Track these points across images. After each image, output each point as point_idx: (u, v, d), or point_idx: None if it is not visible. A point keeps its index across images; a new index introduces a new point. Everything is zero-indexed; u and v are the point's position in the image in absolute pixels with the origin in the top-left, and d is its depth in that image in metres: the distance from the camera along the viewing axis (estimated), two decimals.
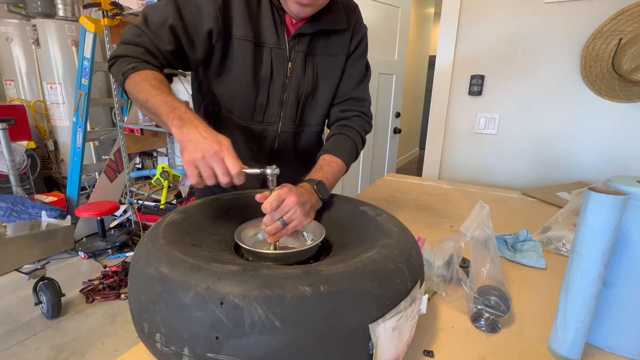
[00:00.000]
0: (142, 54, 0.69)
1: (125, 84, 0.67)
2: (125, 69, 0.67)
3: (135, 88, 0.65)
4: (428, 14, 5.19)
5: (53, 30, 2.80)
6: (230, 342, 0.36)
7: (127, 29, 0.73)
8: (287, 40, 0.78)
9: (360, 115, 0.90)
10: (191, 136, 0.55)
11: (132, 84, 0.65)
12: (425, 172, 1.93)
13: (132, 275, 0.45)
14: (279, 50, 0.78)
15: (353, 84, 0.89)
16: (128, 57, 0.69)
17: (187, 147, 0.54)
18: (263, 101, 0.82)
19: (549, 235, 0.90)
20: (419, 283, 0.47)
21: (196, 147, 0.53)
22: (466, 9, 1.66)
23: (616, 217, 0.44)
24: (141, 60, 0.69)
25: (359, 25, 0.88)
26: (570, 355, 0.50)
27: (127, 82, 0.67)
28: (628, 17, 1.34)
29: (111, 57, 0.72)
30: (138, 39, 0.70)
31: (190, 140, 0.54)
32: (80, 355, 1.63)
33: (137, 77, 0.66)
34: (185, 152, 0.54)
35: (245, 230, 0.60)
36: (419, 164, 5.52)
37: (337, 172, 0.78)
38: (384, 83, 2.51)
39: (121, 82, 0.68)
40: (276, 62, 0.79)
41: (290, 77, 0.81)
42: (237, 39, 0.75)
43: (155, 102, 0.61)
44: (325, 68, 0.85)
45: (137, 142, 2.86)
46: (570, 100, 1.52)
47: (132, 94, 0.67)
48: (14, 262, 1.62)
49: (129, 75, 0.66)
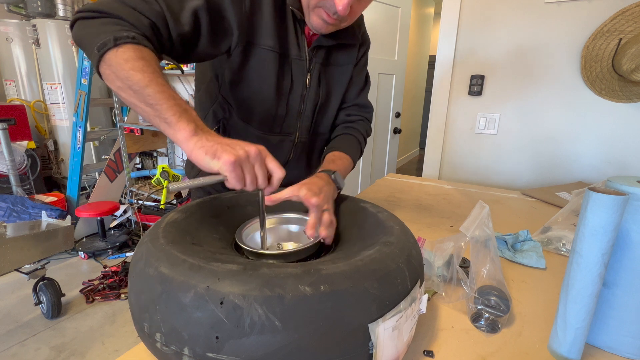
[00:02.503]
0: (146, 27, 0.55)
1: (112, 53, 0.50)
2: (119, 34, 0.51)
3: (129, 64, 0.50)
4: (428, 14, 5.19)
5: (53, 30, 2.80)
6: (230, 342, 0.36)
7: None
8: (307, 51, 0.78)
9: (364, 120, 0.94)
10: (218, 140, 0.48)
11: (126, 57, 0.50)
12: (425, 172, 1.93)
13: (132, 275, 0.45)
14: (300, 61, 0.78)
15: (357, 91, 0.93)
16: (124, 20, 0.54)
17: (223, 150, 0.47)
18: (283, 112, 0.81)
19: (549, 235, 0.90)
20: (419, 283, 0.47)
21: (235, 147, 0.47)
22: (466, 9, 1.66)
23: (616, 217, 0.44)
24: (142, 33, 0.54)
25: (365, 35, 0.91)
26: (570, 355, 0.50)
27: (117, 52, 0.50)
28: (628, 17, 1.34)
29: (90, 9, 0.54)
30: (146, 5, 0.56)
31: (220, 142, 0.48)
32: (80, 355, 1.63)
33: (136, 51, 0.51)
34: (224, 153, 0.46)
35: (246, 229, 0.60)
36: (419, 164, 5.52)
37: (347, 167, 0.81)
38: (384, 83, 2.51)
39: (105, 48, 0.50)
40: (296, 74, 0.78)
41: (308, 88, 0.81)
42: (263, 48, 0.71)
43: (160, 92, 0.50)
44: (337, 78, 0.86)
45: (137, 142, 2.86)
46: (570, 100, 1.52)
47: (120, 69, 0.50)
48: (14, 262, 1.62)
49: (123, 43, 0.50)
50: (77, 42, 0.56)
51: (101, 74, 0.54)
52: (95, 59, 0.52)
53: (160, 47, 0.59)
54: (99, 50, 0.51)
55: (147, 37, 0.55)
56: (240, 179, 0.47)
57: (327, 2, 0.66)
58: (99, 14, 0.54)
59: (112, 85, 0.53)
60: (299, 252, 0.54)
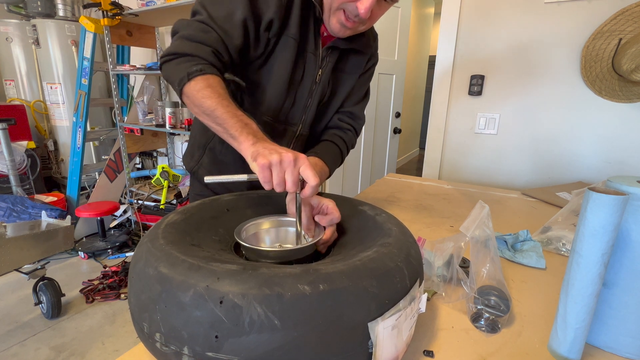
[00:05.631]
0: (209, 55, 0.65)
1: (187, 86, 0.62)
2: (191, 70, 0.62)
3: (200, 93, 0.61)
4: (428, 14, 5.19)
5: (53, 30, 2.80)
6: (229, 341, 0.36)
7: (185, 24, 0.67)
8: (321, 49, 0.80)
9: (352, 130, 0.95)
10: (265, 146, 0.54)
11: (198, 88, 0.61)
12: (425, 172, 1.93)
13: (132, 275, 0.45)
14: (314, 56, 0.80)
15: (355, 100, 0.94)
16: (192, 56, 0.64)
17: (262, 153, 0.53)
18: (290, 102, 0.83)
19: (549, 235, 0.90)
20: (418, 282, 0.47)
21: (273, 153, 0.52)
22: (466, 9, 1.66)
23: (616, 217, 0.44)
24: (208, 62, 0.65)
25: (376, 51, 0.95)
26: (570, 355, 0.50)
27: (190, 85, 0.62)
28: (628, 17, 1.34)
29: (168, 53, 0.66)
30: (205, 35, 0.65)
31: (266, 148, 0.54)
32: (80, 356, 1.63)
33: (204, 81, 0.62)
34: (260, 157, 0.52)
35: (245, 228, 0.60)
36: (419, 164, 5.52)
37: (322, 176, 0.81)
38: (384, 83, 2.51)
39: (182, 84, 0.63)
40: (309, 67, 0.80)
41: (317, 84, 0.83)
42: (289, 37, 0.75)
43: (225, 113, 0.59)
44: (343, 82, 0.89)
45: (137, 142, 2.86)
46: (570, 100, 1.52)
47: (194, 98, 0.61)
48: (14, 262, 1.62)
49: (194, 77, 0.62)
50: (166, 80, 0.70)
51: (185, 103, 0.66)
52: (178, 93, 0.65)
53: (224, 66, 0.69)
54: (179, 86, 0.63)
55: (213, 63, 0.66)
56: (267, 180, 0.52)
57: (350, 5, 0.69)
58: (174, 56, 0.66)
59: (192, 111, 0.65)
60: (297, 250, 0.54)
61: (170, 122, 2.36)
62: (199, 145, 0.91)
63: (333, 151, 0.88)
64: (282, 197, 0.73)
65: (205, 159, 0.90)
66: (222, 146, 0.87)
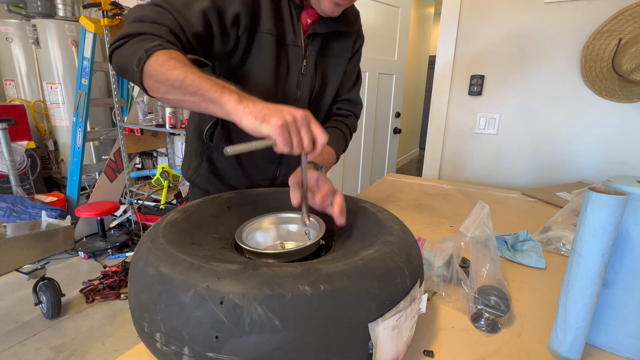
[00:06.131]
0: (166, 34, 0.61)
1: (148, 63, 0.56)
2: (148, 46, 0.57)
3: (164, 66, 0.55)
4: (428, 14, 5.19)
5: (53, 30, 2.80)
6: (230, 341, 0.36)
7: (139, 8, 0.63)
8: (303, 38, 0.79)
9: (352, 115, 0.97)
10: (264, 105, 0.50)
11: (160, 62, 0.55)
12: (425, 172, 1.93)
13: (132, 275, 0.45)
14: (296, 47, 0.78)
15: (349, 85, 0.95)
16: (148, 34, 0.60)
17: (271, 114, 0.48)
18: (280, 98, 0.82)
19: (549, 235, 0.90)
20: (419, 282, 0.47)
21: (282, 112, 0.48)
22: (466, 9, 1.66)
23: (616, 217, 0.44)
24: (165, 39, 0.60)
25: (361, 30, 0.92)
26: (570, 355, 0.50)
27: (151, 60, 0.56)
28: (628, 17, 1.34)
29: (121, 36, 0.61)
30: (159, 16, 0.62)
31: (267, 107, 0.49)
32: (80, 356, 1.63)
33: (165, 54, 0.56)
34: (272, 117, 0.48)
35: (245, 229, 0.60)
36: (419, 164, 5.52)
37: (331, 162, 0.83)
38: (384, 83, 2.51)
39: (141, 63, 0.56)
40: (293, 60, 0.79)
41: (304, 75, 0.82)
42: (263, 33, 0.73)
43: (197, 79, 0.53)
44: (332, 68, 0.87)
45: (137, 142, 2.86)
46: (570, 100, 1.52)
47: (158, 74, 0.55)
48: (14, 262, 1.62)
49: (154, 52, 0.56)
50: (119, 72, 0.63)
51: (146, 88, 0.59)
52: (137, 76, 0.57)
53: (183, 49, 0.63)
54: (138, 67, 0.56)
55: (170, 41, 0.61)
56: (288, 142, 0.48)
57: None
58: (126, 38, 0.60)
59: (158, 94, 0.58)
60: (299, 251, 0.54)
61: (170, 122, 2.36)
62: (196, 154, 0.90)
63: (338, 136, 0.89)
64: (281, 195, 0.74)
65: (203, 167, 0.89)
66: (218, 152, 0.86)
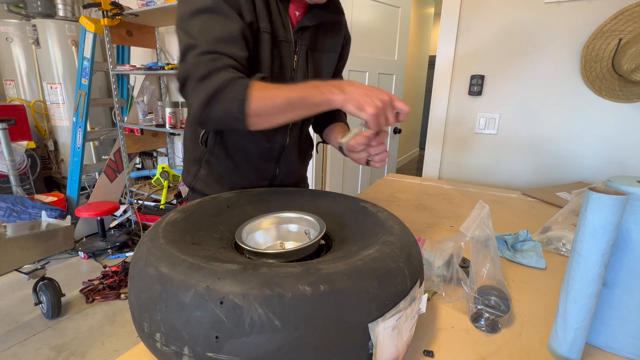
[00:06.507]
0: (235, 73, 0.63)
1: (249, 105, 0.59)
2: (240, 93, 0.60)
3: (264, 100, 0.60)
4: (428, 14, 5.19)
5: (53, 30, 2.80)
6: (230, 341, 0.36)
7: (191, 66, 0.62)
8: (292, 33, 0.78)
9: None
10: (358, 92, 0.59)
11: (258, 98, 0.60)
12: (425, 172, 1.93)
13: (132, 275, 0.45)
14: (286, 43, 0.78)
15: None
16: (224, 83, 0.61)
17: (365, 102, 0.58)
18: None
19: (549, 235, 0.90)
20: (419, 282, 0.47)
21: (373, 98, 0.58)
22: (466, 9, 1.66)
23: (616, 217, 0.44)
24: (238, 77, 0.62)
25: (346, 28, 0.93)
26: (570, 355, 0.50)
27: (251, 102, 0.59)
28: (628, 17, 1.34)
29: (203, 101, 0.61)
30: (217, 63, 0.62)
31: (360, 94, 0.59)
32: (80, 356, 1.63)
33: (256, 92, 0.60)
34: (367, 106, 0.58)
35: (245, 229, 0.60)
36: (419, 164, 5.52)
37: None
38: (384, 83, 2.51)
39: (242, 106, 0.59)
40: (285, 55, 0.79)
41: (296, 71, 0.82)
42: (263, 32, 0.73)
43: (297, 93, 0.60)
44: (323, 64, 0.87)
45: (137, 142, 2.86)
46: (570, 100, 1.52)
47: (264, 108, 0.60)
48: (14, 262, 1.62)
49: (247, 95, 0.59)
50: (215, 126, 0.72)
51: (253, 126, 0.62)
52: (242, 123, 0.61)
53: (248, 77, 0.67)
54: (242, 114, 0.60)
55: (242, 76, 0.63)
56: (379, 124, 0.61)
57: None
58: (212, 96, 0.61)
59: (270, 124, 0.63)
60: (299, 251, 0.54)
61: (170, 122, 2.36)
62: (194, 160, 0.90)
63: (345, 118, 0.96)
64: (281, 195, 0.74)
65: (202, 172, 0.89)
66: (215, 158, 0.86)
